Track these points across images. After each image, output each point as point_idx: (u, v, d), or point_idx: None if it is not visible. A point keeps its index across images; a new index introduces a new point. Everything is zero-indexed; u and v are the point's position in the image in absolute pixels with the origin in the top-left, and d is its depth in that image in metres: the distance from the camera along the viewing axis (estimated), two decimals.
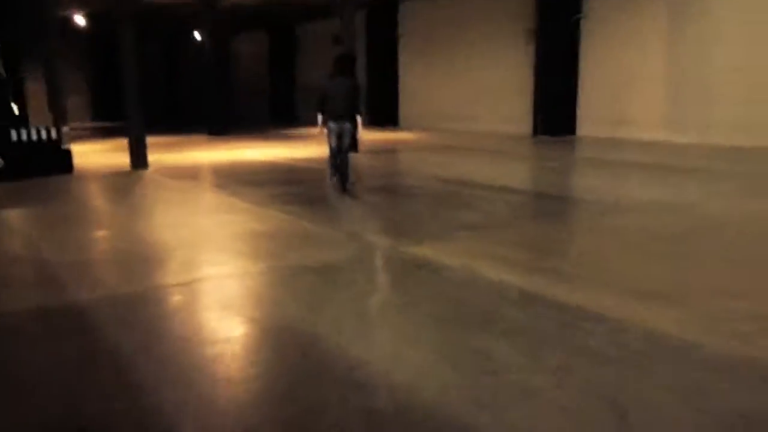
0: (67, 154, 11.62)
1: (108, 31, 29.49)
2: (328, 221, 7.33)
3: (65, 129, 11.63)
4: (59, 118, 18.03)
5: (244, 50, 31.66)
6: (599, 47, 16.29)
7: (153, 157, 13.81)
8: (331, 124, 8.88)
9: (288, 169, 11.86)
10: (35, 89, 20.92)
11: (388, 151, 15.13)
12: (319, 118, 9.04)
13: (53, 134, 11.40)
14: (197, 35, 24.78)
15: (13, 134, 11.05)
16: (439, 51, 20.97)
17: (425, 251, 5.64)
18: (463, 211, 7.59)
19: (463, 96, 20.23)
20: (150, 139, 19.44)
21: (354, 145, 10.19)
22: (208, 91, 20.30)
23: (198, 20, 20.16)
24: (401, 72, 22.56)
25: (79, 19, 23.24)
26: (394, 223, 7.18)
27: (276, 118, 28.00)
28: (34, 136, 11.23)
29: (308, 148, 15.42)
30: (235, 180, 10.51)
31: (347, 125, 8.88)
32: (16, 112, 18.50)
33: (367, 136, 15.01)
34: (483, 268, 5.09)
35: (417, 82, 21.93)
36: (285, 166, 12.43)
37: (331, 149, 9.09)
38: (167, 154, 14.80)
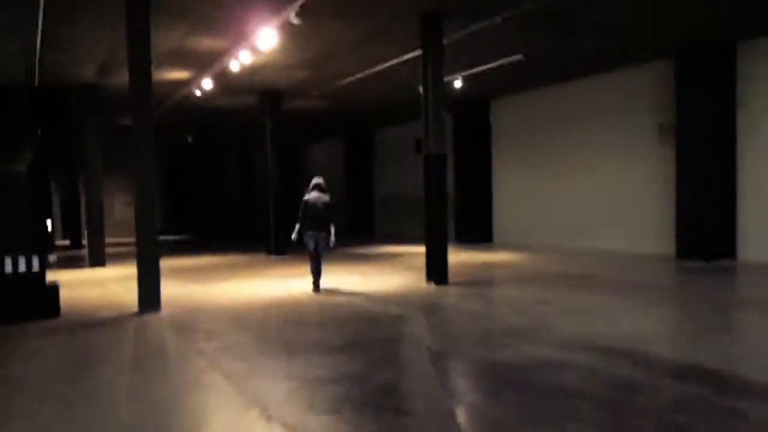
0: (52, 291, 8.43)
1: (178, 141, 27.90)
2: None
3: (52, 258, 8.51)
4: (94, 234, 15.34)
5: (318, 159, 29.23)
6: (764, 144, 12.21)
7: (182, 289, 10.63)
8: (309, 232, 10.10)
9: (352, 315, 8.13)
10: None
11: (486, 282, 11.24)
12: (296, 227, 10.18)
13: (33, 265, 8.27)
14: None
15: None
16: (540, 153, 17.36)
17: None
18: None
19: (573, 206, 16.31)
20: (200, 260, 16.53)
21: (326, 247, 10.33)
22: (274, 204, 17.29)
23: (265, 128, 17.55)
24: (495, 179, 18.99)
25: None
26: None
27: (352, 232, 24.82)
28: (7, 268, 8.13)
29: (385, 276, 11.77)
30: (265, 339, 6.89)
31: (323, 234, 10.09)
32: (50, 228, 16.01)
33: (455, 257, 11.28)
34: None
35: (514, 190, 18.25)
36: (350, 308, 8.75)
37: (310, 253, 10.30)
38: (203, 284, 11.49)
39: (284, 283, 11.24)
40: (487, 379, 5.36)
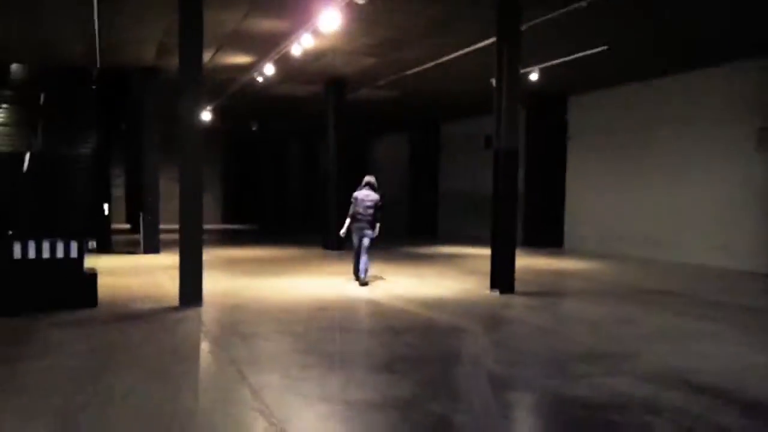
0: (90, 279, 7.96)
1: (242, 129, 27.70)
2: None
3: (91, 243, 8.04)
4: (149, 220, 15.06)
5: (382, 153, 28.52)
6: None
7: (230, 282, 10.11)
8: (355, 228, 10.20)
9: (405, 324, 7.31)
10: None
11: (557, 293, 10.18)
12: (346, 222, 10.35)
13: (72, 251, 7.80)
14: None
15: (16, 250, 7.57)
16: (621, 155, 16.04)
17: None
18: None
19: (656, 214, 14.95)
20: (256, 252, 15.95)
21: (370, 246, 10.36)
22: (333, 197, 16.63)
23: (328, 117, 16.90)
24: (569, 181, 17.76)
25: (205, 115, 21.02)
26: None
27: (414, 231, 23.98)
28: (45, 253, 7.70)
29: (445, 280, 10.89)
30: (306, 348, 6.14)
31: (368, 230, 10.16)
32: (106, 212, 15.85)
33: (522, 262, 10.30)
34: None
35: (590, 194, 16.99)
36: (403, 315, 7.93)
37: (355, 248, 10.33)
38: (252, 278, 10.90)
39: (337, 282, 10.52)
40: (558, 421, 4.44)
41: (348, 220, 10.28)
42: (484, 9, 9.76)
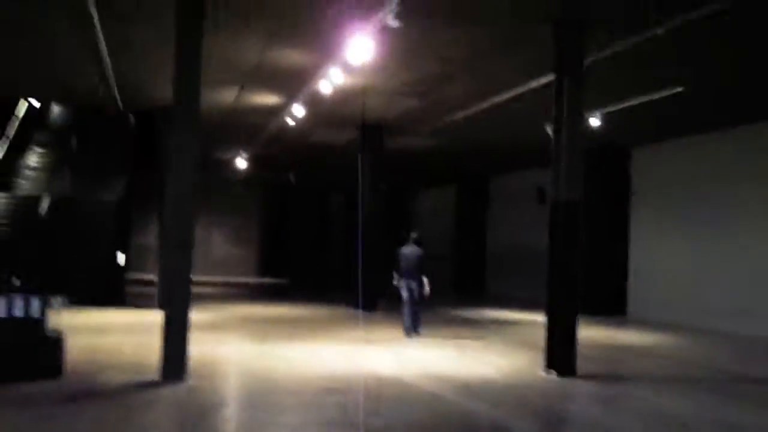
0: (54, 344, 6.55)
1: (280, 180, 26.64)
2: None
3: (57, 300, 6.64)
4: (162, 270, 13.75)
5: (427, 206, 27.01)
6: None
7: (232, 348, 8.58)
8: (403, 282, 10.69)
9: (436, 420, 5.58)
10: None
11: (629, 379, 8.17)
12: (395, 275, 10.83)
13: (34, 310, 6.43)
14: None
15: None
16: (693, 213, 14.05)
17: None
18: None
19: (737, 280, 12.84)
20: (278, 310, 14.14)
21: (421, 297, 10.80)
22: (366, 252, 15.09)
23: (364, 167, 15.54)
24: (633, 241, 15.77)
25: (241, 163, 20.01)
26: None
27: (459, 291, 22.14)
28: (1, 312, 6.34)
29: (490, 355, 9.08)
30: None
31: (414, 284, 10.64)
32: (121, 261, 14.67)
33: (582, 333, 8.43)
34: None
35: (658, 255, 14.94)
36: (435, 405, 6.20)
37: (404, 300, 10.75)
38: (261, 343, 9.30)
39: (361, 353, 8.85)
40: None
41: (396, 276, 10.81)
42: (541, 36, 8.28)
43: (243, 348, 8.93)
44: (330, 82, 10.45)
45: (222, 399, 5.90)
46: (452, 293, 21.45)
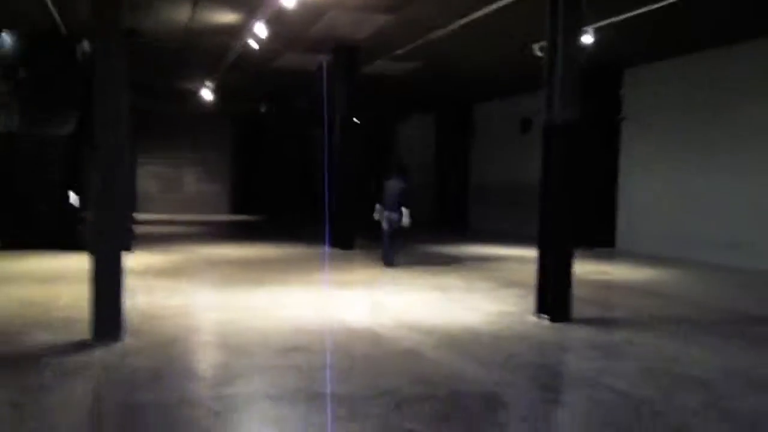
0: None
1: (250, 111, 25.15)
2: None
3: None
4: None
5: (407, 136, 25.84)
6: None
7: (190, 297, 7.59)
8: (384, 213, 10.76)
9: (415, 384, 4.69)
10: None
11: (630, 323, 7.29)
12: (377, 207, 10.85)
13: None
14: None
15: None
16: (690, 140, 13.13)
17: None
18: None
19: (735, 210, 12.05)
20: (249, 250, 13.13)
21: (399, 231, 10.89)
22: (341, 188, 14.04)
23: (338, 94, 14.24)
24: (623, 170, 14.86)
25: (206, 94, 18.58)
26: None
27: (441, 225, 21.30)
28: None
29: (475, 297, 8.20)
30: None
31: (394, 215, 10.66)
32: (74, 201, 13.47)
33: (577, 268, 7.58)
34: None
35: (649, 185, 14.08)
36: (414, 363, 5.32)
37: (384, 231, 10.86)
38: (224, 289, 8.34)
39: (332, 299, 7.93)
40: None
41: (378, 208, 10.80)
42: None
43: (199, 297, 7.97)
44: None
45: (158, 366, 4.95)
46: (434, 227, 20.60)
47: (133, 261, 11.13)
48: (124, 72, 5.93)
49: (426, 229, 19.96)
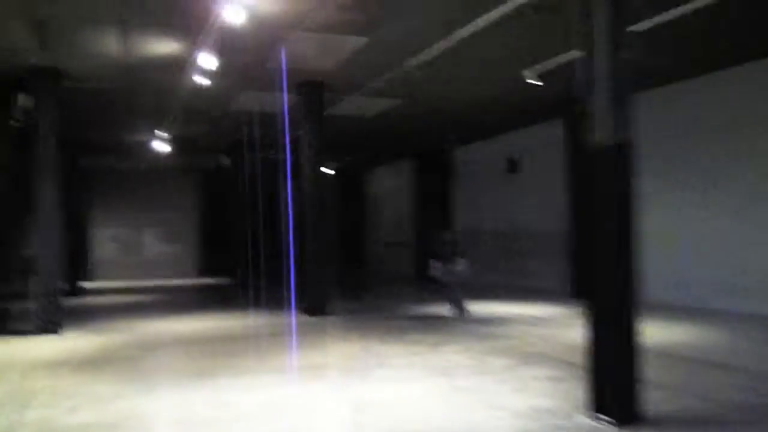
0: None
1: (214, 163, 23.01)
2: None
3: None
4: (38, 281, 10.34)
5: (382, 185, 23.96)
6: None
7: (122, 407, 5.27)
8: (439, 266, 11.12)
9: None
10: None
11: (719, 422, 5.26)
12: (432, 263, 11.25)
13: None
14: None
15: None
16: (698, 168, 11.38)
17: None
18: None
19: (751, 251, 10.19)
20: (204, 323, 10.67)
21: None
22: (316, 246, 11.90)
23: (302, 137, 12.30)
24: (645, 205, 12.96)
25: (160, 146, 16.52)
26: None
27: (421, 279, 19.19)
28: None
29: (491, 383, 5.98)
30: None
31: (453, 266, 10.98)
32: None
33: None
34: None
35: (667, 220, 12.18)
36: None
37: (445, 284, 11.20)
38: (154, 393, 6.07)
39: (297, 398, 5.74)
40: None
41: (433, 262, 11.24)
42: None
43: (118, 406, 5.67)
44: (240, 6, 7.31)
45: None
46: (414, 282, 18.50)
47: (54, 346, 8.85)
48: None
49: (407, 284, 17.86)
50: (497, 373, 6.52)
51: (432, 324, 10.16)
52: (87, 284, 19.52)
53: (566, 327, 9.38)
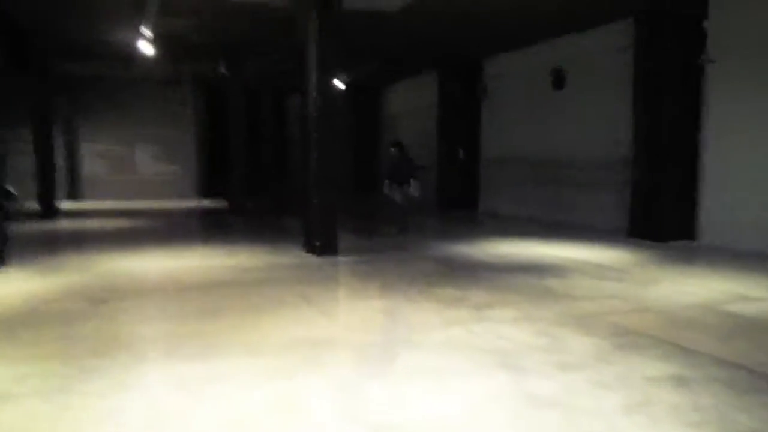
0: None
1: (214, 73, 20.28)
2: None
3: None
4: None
5: (399, 103, 21.41)
6: None
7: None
8: (394, 186, 11.19)
9: None
10: None
11: None
12: (386, 183, 11.31)
13: None
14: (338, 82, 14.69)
15: None
16: None
17: None
18: None
19: None
20: (192, 261, 8.11)
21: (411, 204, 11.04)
22: (325, 171, 9.56)
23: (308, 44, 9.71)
24: (709, 135, 10.50)
25: (144, 46, 13.93)
26: None
27: (448, 207, 17.03)
28: None
29: (584, 383, 3.80)
30: None
31: (407, 188, 11.05)
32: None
33: (668, 287, 3.25)
34: None
35: (743, 152, 9.80)
36: None
37: (395, 202, 11.19)
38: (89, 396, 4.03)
39: (312, 386, 3.60)
40: None
41: (387, 182, 11.19)
42: None
43: (26, 408, 3.57)
44: None
45: None
46: (438, 214, 16.31)
47: None
48: None
49: (429, 215, 15.68)
50: (587, 365, 4.31)
51: (467, 271, 7.94)
52: (68, 205, 17.49)
53: (646, 282, 7.16)
